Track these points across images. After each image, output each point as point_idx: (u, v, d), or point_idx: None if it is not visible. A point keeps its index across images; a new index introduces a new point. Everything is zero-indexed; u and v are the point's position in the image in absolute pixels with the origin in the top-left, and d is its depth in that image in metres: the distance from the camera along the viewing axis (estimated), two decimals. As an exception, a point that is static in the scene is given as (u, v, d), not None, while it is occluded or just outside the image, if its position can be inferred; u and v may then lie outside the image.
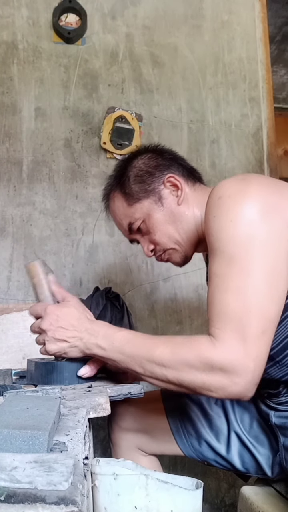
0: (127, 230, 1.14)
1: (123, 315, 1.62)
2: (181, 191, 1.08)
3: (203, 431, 1.13)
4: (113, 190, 1.15)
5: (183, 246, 1.10)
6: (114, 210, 1.15)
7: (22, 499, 0.40)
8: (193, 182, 1.11)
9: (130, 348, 0.86)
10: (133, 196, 1.09)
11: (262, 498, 1.04)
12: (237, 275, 0.80)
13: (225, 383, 0.77)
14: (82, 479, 0.45)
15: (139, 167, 1.11)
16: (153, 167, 1.10)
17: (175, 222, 1.08)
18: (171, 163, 1.11)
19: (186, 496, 0.81)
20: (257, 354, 0.78)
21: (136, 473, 0.79)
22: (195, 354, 0.79)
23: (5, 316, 1.61)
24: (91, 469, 0.80)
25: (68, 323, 0.91)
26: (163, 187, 1.09)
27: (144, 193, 1.09)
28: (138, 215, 1.09)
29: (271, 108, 2.07)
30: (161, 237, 1.09)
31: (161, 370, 0.82)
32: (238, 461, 1.09)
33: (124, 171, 1.13)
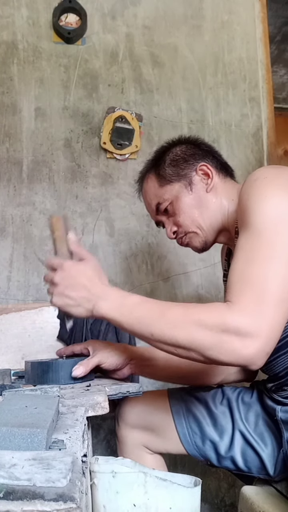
0: (154, 210, 1.18)
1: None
2: (211, 179, 1.13)
3: (207, 429, 1.14)
4: (149, 172, 1.20)
5: (204, 231, 1.13)
6: (146, 190, 1.20)
7: (21, 496, 0.40)
8: (225, 175, 1.16)
9: (140, 311, 0.86)
10: (165, 178, 1.15)
11: (263, 498, 1.04)
12: (263, 247, 0.82)
13: (236, 345, 0.76)
14: (81, 476, 0.45)
15: (176, 152, 1.17)
16: (189, 154, 1.16)
17: (201, 207, 1.12)
18: (206, 154, 1.17)
19: (184, 493, 0.81)
20: (273, 321, 0.77)
21: (134, 471, 0.79)
22: (210, 314, 0.79)
23: (4, 316, 1.61)
24: (90, 467, 0.80)
25: (79, 282, 0.91)
26: (195, 173, 1.14)
27: (176, 177, 1.14)
28: (167, 196, 1.14)
29: (271, 108, 2.07)
30: (184, 220, 1.13)
31: (171, 332, 0.81)
32: (241, 460, 1.10)
33: (161, 155, 1.19)
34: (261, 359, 0.79)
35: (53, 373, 0.96)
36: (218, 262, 1.89)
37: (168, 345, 0.83)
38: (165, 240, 1.88)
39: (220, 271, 1.86)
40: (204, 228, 1.12)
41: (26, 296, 1.75)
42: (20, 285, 1.76)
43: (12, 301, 1.73)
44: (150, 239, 1.88)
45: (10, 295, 1.75)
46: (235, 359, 0.78)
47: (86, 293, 0.90)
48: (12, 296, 1.75)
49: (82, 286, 0.90)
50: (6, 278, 1.75)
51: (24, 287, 1.76)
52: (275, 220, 0.83)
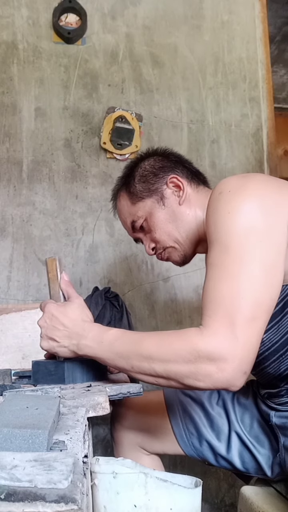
0: (130, 228, 1.17)
1: (122, 315, 1.62)
2: (183, 191, 1.10)
3: (204, 431, 1.14)
4: (120, 190, 1.19)
5: (182, 245, 1.12)
6: (120, 209, 1.19)
7: (22, 498, 0.40)
8: (197, 184, 1.14)
9: (119, 345, 0.86)
10: (136, 195, 1.13)
11: (262, 498, 1.05)
12: (231, 264, 0.80)
13: (211, 370, 0.76)
14: (82, 478, 0.45)
15: (144, 168, 1.15)
16: (157, 168, 1.14)
17: (176, 221, 1.10)
18: (175, 165, 1.14)
19: (185, 494, 0.81)
20: (246, 340, 0.76)
21: (135, 472, 0.79)
22: (182, 343, 0.79)
23: (4, 316, 1.61)
24: (91, 467, 0.80)
25: (60, 323, 0.92)
26: (165, 187, 1.12)
27: (147, 192, 1.12)
28: (141, 213, 1.13)
29: (271, 108, 2.07)
30: (161, 235, 1.12)
31: (148, 364, 0.82)
32: (238, 461, 1.10)
33: (130, 172, 1.17)
34: (240, 380, 0.77)
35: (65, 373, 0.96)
36: (218, 262, 1.89)
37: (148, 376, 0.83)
38: (165, 240, 1.88)
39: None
40: (182, 242, 1.11)
41: (26, 296, 1.75)
42: (20, 285, 1.76)
43: (12, 301, 1.73)
44: (150, 239, 1.88)
45: (10, 295, 1.75)
46: (213, 384, 0.77)
47: (67, 333, 0.92)
48: (12, 296, 1.75)
49: (63, 326, 0.92)
50: (6, 278, 1.75)
51: (24, 287, 1.76)
52: (241, 235, 0.81)
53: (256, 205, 0.83)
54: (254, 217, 0.82)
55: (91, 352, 0.89)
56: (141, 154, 1.22)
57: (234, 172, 1.97)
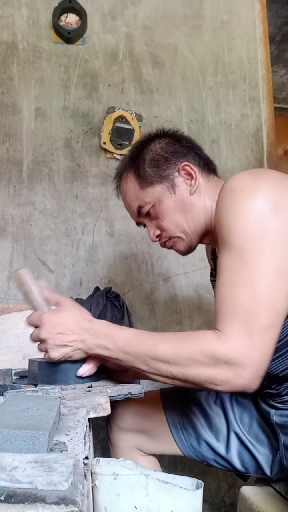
0: (135, 212, 1.13)
1: (123, 315, 1.62)
2: (195, 180, 1.07)
3: (203, 431, 1.13)
4: (127, 171, 1.13)
5: (189, 235, 1.09)
6: (125, 191, 1.14)
7: (22, 499, 0.40)
8: (208, 173, 1.10)
9: (134, 347, 0.86)
10: (146, 179, 1.08)
11: (262, 498, 1.04)
12: (247, 269, 0.80)
13: (230, 376, 0.77)
14: (82, 479, 0.45)
15: (155, 150, 1.10)
16: (170, 152, 1.09)
17: (185, 211, 1.07)
18: (188, 151, 1.10)
19: (186, 496, 0.81)
20: (263, 347, 0.78)
21: (136, 473, 0.79)
22: (199, 348, 0.79)
23: (5, 316, 1.61)
24: (91, 469, 0.80)
25: (66, 328, 0.90)
26: (177, 174, 1.08)
27: (158, 178, 1.08)
28: (149, 199, 1.09)
29: (271, 108, 2.07)
30: (168, 224, 1.08)
31: (165, 367, 0.82)
32: (238, 461, 1.10)
33: (140, 153, 1.11)
34: (256, 383, 0.80)
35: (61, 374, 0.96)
36: (218, 262, 1.89)
37: (164, 377, 0.84)
38: (165, 240, 1.88)
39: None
40: (189, 233, 1.08)
41: (26, 296, 1.75)
42: (20, 285, 1.75)
43: (13, 301, 1.73)
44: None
45: (11, 295, 1.74)
46: (231, 388, 0.79)
47: (77, 336, 0.90)
48: (13, 296, 1.74)
49: (69, 330, 0.90)
50: (6, 278, 1.75)
51: (24, 287, 1.75)
52: (256, 239, 0.81)
53: (269, 206, 0.83)
54: (267, 219, 0.82)
55: (104, 353, 0.89)
56: (149, 134, 1.15)
57: (234, 172, 1.96)
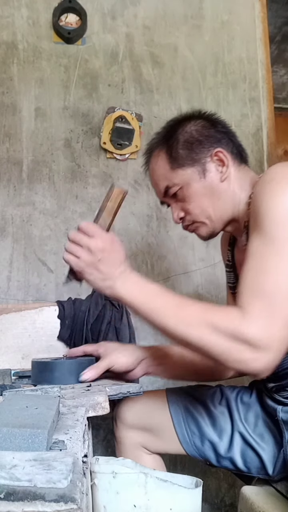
0: (162, 192, 1.11)
1: (122, 315, 1.62)
2: (226, 168, 1.06)
3: (207, 430, 1.13)
4: (159, 149, 1.11)
5: (213, 222, 1.08)
6: (155, 169, 1.12)
7: (21, 497, 0.40)
8: (239, 162, 1.09)
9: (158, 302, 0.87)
10: (177, 161, 1.07)
11: (263, 498, 1.04)
12: (275, 257, 0.82)
13: (247, 357, 0.78)
14: (81, 477, 0.45)
15: (190, 132, 1.08)
16: (204, 136, 1.07)
17: (213, 197, 1.06)
18: (222, 137, 1.08)
19: (185, 494, 0.81)
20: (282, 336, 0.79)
21: (135, 472, 0.79)
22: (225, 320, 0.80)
23: (4, 316, 1.61)
24: (90, 467, 0.80)
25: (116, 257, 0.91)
26: (209, 159, 1.06)
27: (190, 161, 1.06)
28: (178, 181, 1.07)
29: (271, 108, 2.07)
30: (194, 208, 1.07)
31: (184, 329, 0.83)
32: (240, 460, 1.10)
33: (174, 132, 1.09)
34: (269, 371, 0.81)
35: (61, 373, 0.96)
36: (218, 262, 1.89)
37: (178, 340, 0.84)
38: (165, 240, 1.88)
39: (221, 271, 1.87)
40: (214, 219, 1.07)
41: (26, 296, 1.75)
42: (20, 285, 1.76)
43: (12, 301, 1.73)
44: (150, 239, 1.88)
45: (10, 295, 1.74)
46: (244, 368, 0.80)
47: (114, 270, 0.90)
48: (12, 296, 1.75)
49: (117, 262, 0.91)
50: (6, 278, 1.75)
51: (24, 287, 1.76)
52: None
53: None
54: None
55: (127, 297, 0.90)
56: (185, 114, 1.14)
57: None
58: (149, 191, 1.89)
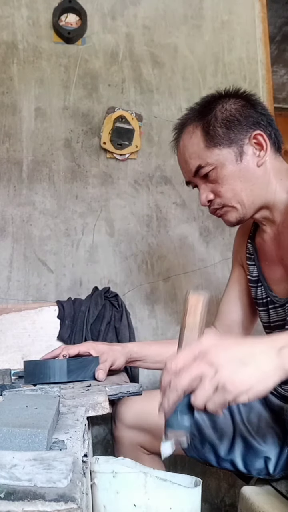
0: (193, 171, 1.05)
1: (122, 315, 1.62)
2: (264, 152, 1.01)
3: (207, 432, 1.13)
4: (194, 125, 1.05)
5: (245, 208, 1.03)
6: (187, 145, 1.06)
7: (21, 496, 0.40)
8: (276, 148, 1.05)
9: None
10: (214, 139, 1.01)
11: (263, 498, 1.04)
12: None
13: None
14: (81, 477, 0.46)
15: (230, 110, 1.03)
16: (244, 116, 1.02)
17: (247, 182, 1.01)
18: (262, 119, 1.03)
19: (185, 493, 0.81)
20: None
21: (135, 471, 0.79)
22: None
23: (4, 316, 1.61)
24: (90, 467, 0.80)
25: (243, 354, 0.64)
26: (247, 141, 1.01)
27: (227, 141, 1.01)
28: (212, 161, 1.01)
29: (271, 108, 2.07)
30: (227, 191, 1.02)
31: None
32: (241, 462, 1.09)
33: (212, 109, 1.03)
34: None
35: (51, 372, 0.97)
36: (218, 262, 1.90)
37: None
38: (165, 240, 1.88)
39: (221, 271, 1.87)
40: (246, 205, 1.02)
41: (26, 296, 1.75)
42: (20, 285, 1.76)
43: (12, 301, 1.73)
44: (150, 239, 1.88)
45: (10, 295, 1.74)
46: None
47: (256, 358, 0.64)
48: (12, 296, 1.75)
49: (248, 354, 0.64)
50: (6, 278, 1.75)
51: (24, 287, 1.76)
52: None
53: None
54: None
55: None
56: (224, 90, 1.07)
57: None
58: (149, 191, 1.89)
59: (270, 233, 1.08)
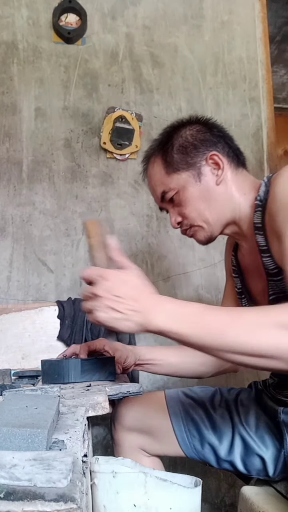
0: (159, 197, 1.11)
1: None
2: (222, 171, 1.05)
3: (206, 433, 1.13)
4: (155, 155, 1.12)
5: (211, 225, 1.07)
6: (151, 175, 1.13)
7: (21, 496, 0.40)
8: (236, 165, 1.08)
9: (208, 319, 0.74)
10: (173, 165, 1.07)
11: (263, 498, 1.04)
12: None
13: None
14: (81, 477, 0.45)
15: (185, 137, 1.08)
16: (199, 140, 1.07)
17: (209, 200, 1.05)
18: (218, 140, 1.08)
19: (185, 493, 0.81)
20: None
21: (135, 471, 0.79)
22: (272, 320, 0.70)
23: (4, 316, 1.61)
24: (90, 467, 0.80)
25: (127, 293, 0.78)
26: (204, 163, 1.06)
27: (185, 165, 1.06)
28: (174, 185, 1.07)
29: (271, 108, 2.07)
30: (191, 212, 1.07)
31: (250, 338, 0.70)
32: (240, 463, 1.09)
33: (169, 138, 1.10)
34: None
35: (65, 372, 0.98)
36: (218, 262, 1.90)
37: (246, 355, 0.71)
38: (165, 240, 1.88)
39: (221, 271, 1.87)
40: (211, 223, 1.06)
41: (26, 296, 1.75)
42: (20, 285, 1.76)
43: (12, 301, 1.73)
44: (150, 239, 1.88)
45: (10, 295, 1.74)
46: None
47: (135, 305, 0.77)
48: (12, 296, 1.75)
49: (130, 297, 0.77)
50: (6, 278, 1.75)
51: (24, 287, 1.76)
52: None
53: None
54: None
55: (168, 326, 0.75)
56: (182, 120, 1.13)
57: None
58: (149, 191, 1.89)
59: (245, 247, 1.10)
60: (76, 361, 1.01)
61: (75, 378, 0.98)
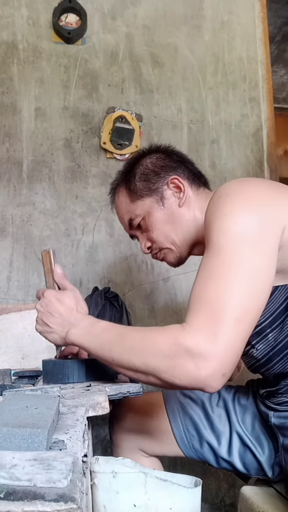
0: (127, 225, 1.16)
1: (122, 315, 1.62)
2: (183, 193, 1.09)
3: (205, 432, 1.13)
4: (120, 186, 1.17)
5: (178, 247, 1.11)
6: (118, 205, 1.18)
7: (21, 497, 0.40)
8: (198, 186, 1.12)
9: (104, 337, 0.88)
10: (136, 193, 1.12)
11: (262, 498, 1.04)
12: (221, 265, 0.80)
13: (189, 367, 0.73)
14: (81, 477, 0.45)
15: (146, 165, 1.13)
16: (159, 167, 1.12)
17: (174, 222, 1.09)
18: (178, 165, 1.13)
19: (185, 493, 0.81)
20: (227, 341, 0.74)
21: (135, 471, 0.79)
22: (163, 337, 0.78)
23: (4, 316, 1.61)
24: (90, 467, 0.80)
25: (56, 310, 0.96)
26: (166, 187, 1.10)
27: (147, 191, 1.11)
28: (139, 212, 1.12)
29: (271, 108, 2.07)
30: (158, 236, 1.11)
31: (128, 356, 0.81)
32: (239, 462, 1.09)
33: (131, 168, 1.15)
34: (217, 381, 0.75)
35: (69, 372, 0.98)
36: (218, 262, 1.89)
37: (127, 369, 0.83)
38: (165, 240, 1.88)
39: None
40: (178, 244, 1.10)
41: (26, 296, 1.75)
42: (20, 285, 1.76)
43: (12, 301, 1.73)
44: (150, 239, 1.88)
45: (10, 295, 1.75)
46: (189, 382, 0.75)
47: (60, 320, 0.95)
48: (12, 296, 1.75)
49: (58, 313, 0.96)
50: (6, 278, 1.75)
51: (24, 287, 1.76)
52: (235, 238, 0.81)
53: (251, 210, 0.84)
54: (248, 222, 0.82)
55: (78, 340, 0.92)
56: (143, 150, 1.19)
57: (234, 172, 1.97)
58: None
59: None
60: (80, 361, 1.01)
61: (80, 378, 0.98)
